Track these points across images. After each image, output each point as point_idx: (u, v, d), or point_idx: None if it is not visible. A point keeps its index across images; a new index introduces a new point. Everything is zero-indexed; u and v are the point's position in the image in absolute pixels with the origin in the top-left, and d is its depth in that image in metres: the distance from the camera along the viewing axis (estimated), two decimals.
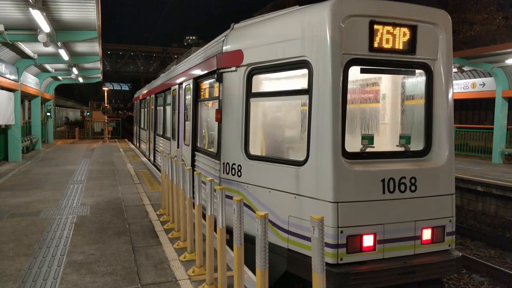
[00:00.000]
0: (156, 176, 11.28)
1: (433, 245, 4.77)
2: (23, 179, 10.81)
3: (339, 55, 4.41)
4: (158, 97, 14.01)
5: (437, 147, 4.96)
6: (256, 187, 5.30)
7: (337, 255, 4.30)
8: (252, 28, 5.79)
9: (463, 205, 11.84)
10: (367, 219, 4.44)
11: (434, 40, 4.89)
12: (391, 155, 4.92)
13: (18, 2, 8.42)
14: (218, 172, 6.02)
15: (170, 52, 70.76)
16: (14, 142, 14.68)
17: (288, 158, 5.27)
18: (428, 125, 5.00)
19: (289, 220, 4.75)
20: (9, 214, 7.03)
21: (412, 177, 4.62)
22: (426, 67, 4.95)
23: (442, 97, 4.95)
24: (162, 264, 4.83)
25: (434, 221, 4.76)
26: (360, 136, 5.01)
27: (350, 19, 4.45)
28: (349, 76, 4.62)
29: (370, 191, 4.45)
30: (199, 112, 7.82)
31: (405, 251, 4.62)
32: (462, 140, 17.48)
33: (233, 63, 5.73)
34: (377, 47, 4.58)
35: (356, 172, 4.42)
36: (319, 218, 2.35)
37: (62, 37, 11.40)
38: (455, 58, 13.82)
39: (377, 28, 4.55)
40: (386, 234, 4.51)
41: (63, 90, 50.37)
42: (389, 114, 5.58)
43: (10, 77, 13.88)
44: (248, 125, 5.54)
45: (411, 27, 4.70)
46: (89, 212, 7.26)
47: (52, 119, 24.86)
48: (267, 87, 5.85)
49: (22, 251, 5.19)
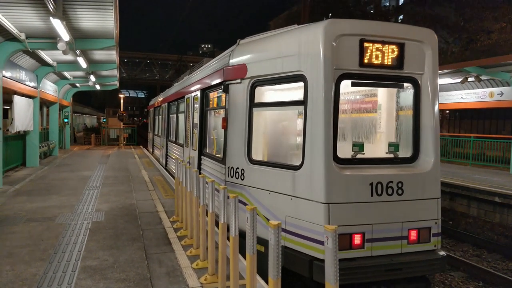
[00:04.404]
0: (170, 183, 11.35)
1: (419, 245, 5.10)
2: (40, 184, 11.00)
3: (331, 70, 4.85)
4: (171, 105, 14.48)
5: (424, 155, 5.32)
6: (257, 189, 5.70)
7: None
8: (255, 44, 6.27)
9: (479, 216, 11.60)
10: (356, 219, 4.80)
11: (421, 56, 5.31)
12: (380, 161, 5.31)
13: (39, 11, 8.63)
14: (224, 176, 6.43)
15: (185, 60, 71.43)
16: (32, 147, 14.95)
17: (285, 163, 5.62)
18: (415, 134, 5.38)
19: (286, 219, 5.11)
20: (25, 219, 7.15)
21: (399, 181, 4.98)
22: (413, 81, 5.35)
23: (429, 108, 5.34)
24: (174, 271, 4.84)
25: (420, 222, 5.10)
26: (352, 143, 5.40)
27: (341, 38, 4.91)
28: (342, 89, 5.06)
29: (359, 193, 4.81)
30: (207, 120, 8.38)
31: (392, 250, 4.96)
32: (479, 150, 17.13)
33: (238, 75, 6.19)
34: (367, 62, 5.01)
35: (346, 176, 4.81)
36: (333, 229, 2.33)
37: (81, 45, 11.62)
38: (473, 67, 13.66)
39: (367, 45, 4.98)
40: (374, 233, 4.86)
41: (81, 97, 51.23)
42: (380, 123, 5.99)
43: (30, 84, 14.20)
44: (251, 132, 5.97)
45: (399, 44, 5.12)
46: (103, 218, 7.34)
47: (69, 126, 25.27)
48: (268, 98, 6.29)
49: (38, 256, 5.26)
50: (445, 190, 12.45)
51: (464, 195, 11.95)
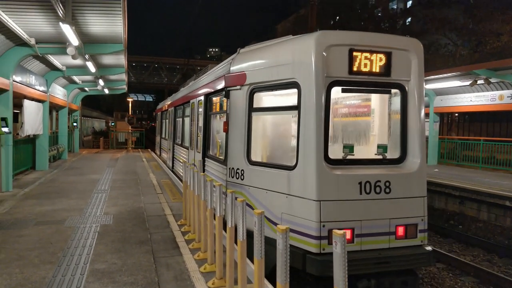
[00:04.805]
0: (178, 186, 11.38)
1: (406, 240, 5.42)
2: (49, 187, 11.09)
3: (322, 78, 5.22)
4: (177, 109, 14.87)
5: (412, 156, 5.64)
6: (256, 188, 6.07)
7: (320, 246, 5.03)
8: (254, 53, 6.64)
9: (490, 220, 11.45)
10: (346, 215, 5.15)
11: (407, 64, 5.66)
12: (369, 162, 5.71)
13: (49, 16, 8.73)
14: (225, 176, 6.80)
15: (192, 64, 71.79)
16: (41, 151, 15.09)
17: (281, 164, 5.93)
18: (403, 136, 5.72)
19: (282, 216, 5.50)
20: (35, 222, 7.21)
21: (387, 181, 5.31)
22: (400, 87, 5.70)
23: (415, 112, 5.67)
24: (182, 275, 4.84)
25: (407, 219, 5.43)
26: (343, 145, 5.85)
27: (331, 48, 5.28)
28: (334, 95, 5.50)
29: (349, 192, 5.16)
30: (210, 124, 8.74)
31: (380, 245, 5.28)
32: (489, 153, 16.93)
33: (238, 82, 6.58)
34: (356, 70, 5.39)
35: (336, 175, 5.17)
36: (341, 234, 2.31)
37: (90, 50, 11.72)
38: (482, 69, 13.53)
39: (356, 54, 5.36)
40: (363, 229, 5.20)
41: (89, 101, 51.67)
42: (369, 127, 6.44)
43: (39, 88, 14.35)
44: (250, 135, 6.35)
45: (386, 53, 5.49)
46: (112, 221, 7.37)
47: (78, 129, 25.47)
48: (265, 103, 6.63)
49: (47, 259, 5.30)
50: (455, 194, 12.32)
51: (474, 199, 11.81)
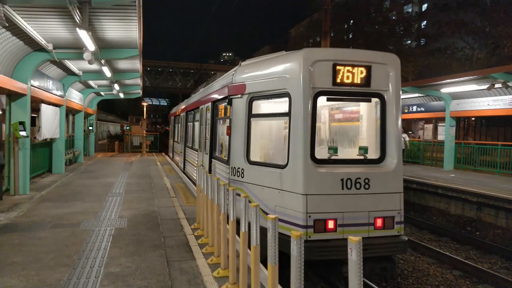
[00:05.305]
0: (192, 190, 11.42)
1: (384, 230, 6.08)
2: (65, 190, 11.24)
3: (309, 88, 6.01)
4: (188, 114, 15.72)
5: (390, 157, 6.33)
6: (254, 185, 6.79)
7: (306, 234, 5.73)
8: (253, 66, 7.43)
9: (509, 227, 11.18)
10: (330, 208, 5.85)
11: (386, 76, 6.36)
12: (351, 161, 6.40)
13: (66, 22, 8.88)
14: (228, 175, 7.51)
15: (207, 68, 72.21)
16: (58, 155, 15.32)
17: (275, 163, 6.61)
18: (382, 140, 6.42)
19: (275, 209, 6.20)
20: (51, 225, 7.31)
21: (366, 178, 6.00)
22: (380, 96, 6.40)
23: (393, 118, 6.37)
24: (195, 279, 4.84)
25: (385, 212, 6.08)
26: (328, 147, 6.58)
27: (317, 63, 6.07)
28: (321, 103, 6.40)
29: (332, 187, 5.88)
30: (216, 128, 9.48)
31: (361, 234, 5.84)
32: (507, 158, 16.54)
33: (239, 92, 7.37)
34: (339, 82, 6.13)
35: (321, 173, 5.92)
36: (357, 240, 2.27)
37: (106, 55, 11.88)
38: (500, 73, 13.30)
39: (339, 68, 6.12)
40: (345, 220, 5.89)
41: (105, 105, 52.35)
42: (353, 131, 7.25)
43: (56, 93, 14.60)
44: (249, 138, 7.10)
45: (366, 66, 6.23)
46: (126, 224, 7.43)
47: (94, 133, 25.80)
48: (262, 110, 7.35)
49: (62, 262, 5.36)
50: (472, 199, 12.09)
51: (492, 205, 11.56)
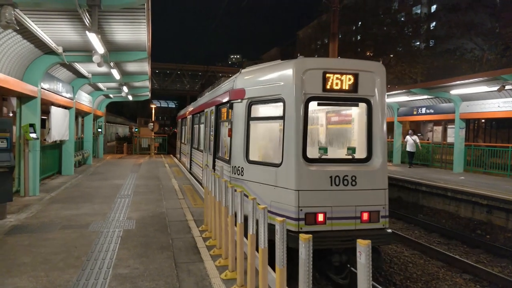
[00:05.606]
0: (199, 192, 11.44)
1: (370, 224, 6.59)
2: (74, 192, 11.33)
3: (301, 94, 6.61)
4: (194, 117, 16.22)
5: (376, 157, 6.88)
6: (252, 182, 7.35)
7: (298, 225, 6.29)
8: (252, 73, 8.05)
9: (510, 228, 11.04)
10: (319, 202, 6.40)
11: (372, 83, 6.90)
12: (340, 160, 6.96)
13: (76, 26, 8.96)
14: (229, 173, 8.04)
15: (214, 70, 72.48)
16: (67, 156, 15.45)
17: (271, 162, 7.16)
18: (369, 141, 6.97)
19: (271, 203, 6.74)
20: (60, 226, 7.36)
21: (353, 175, 6.54)
22: (366, 101, 6.96)
23: (379, 121, 6.93)
24: (203, 281, 4.84)
25: (370, 207, 6.60)
26: (319, 147, 7.13)
27: (308, 71, 6.66)
28: (312, 107, 6.96)
29: (322, 183, 6.43)
30: (220, 130, 10.06)
31: (348, 226, 6.47)
32: None
33: (239, 97, 7.93)
34: (329, 88, 6.72)
35: (312, 171, 6.49)
36: (366, 243, 2.23)
37: (115, 57, 11.96)
38: (510, 75, 13.16)
39: (329, 75, 6.70)
40: (333, 213, 6.42)
41: (113, 107, 52.73)
42: (342, 133, 7.99)
43: (66, 95, 14.73)
44: (249, 139, 7.67)
45: (354, 74, 6.79)
46: (134, 226, 7.46)
47: (103, 135, 25.97)
48: (260, 114, 7.89)
49: (71, 263, 5.39)
50: (482, 202, 11.95)
51: (503, 208, 11.42)
